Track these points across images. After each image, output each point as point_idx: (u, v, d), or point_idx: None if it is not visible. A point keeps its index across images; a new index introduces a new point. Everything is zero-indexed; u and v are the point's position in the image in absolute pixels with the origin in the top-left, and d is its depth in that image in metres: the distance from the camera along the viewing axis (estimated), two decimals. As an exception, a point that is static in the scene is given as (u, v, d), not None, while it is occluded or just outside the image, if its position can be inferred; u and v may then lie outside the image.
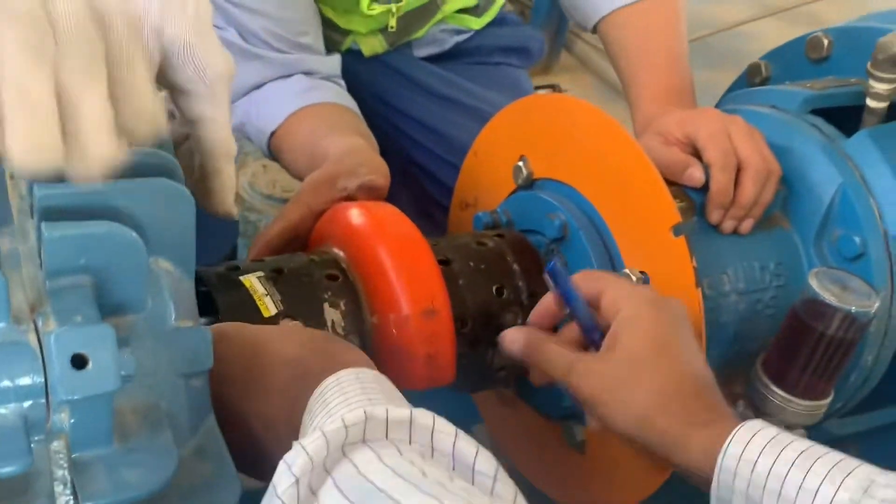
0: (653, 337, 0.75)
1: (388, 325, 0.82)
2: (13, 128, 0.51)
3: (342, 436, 0.50)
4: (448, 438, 0.52)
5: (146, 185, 0.56)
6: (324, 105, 1.21)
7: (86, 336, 0.49)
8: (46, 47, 0.53)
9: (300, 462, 0.48)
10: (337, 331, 0.82)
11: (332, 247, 0.89)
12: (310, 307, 0.82)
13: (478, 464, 0.52)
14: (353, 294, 0.84)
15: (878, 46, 1.00)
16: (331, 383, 0.59)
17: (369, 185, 0.97)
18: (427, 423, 0.53)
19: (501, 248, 0.94)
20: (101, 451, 0.52)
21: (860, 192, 0.97)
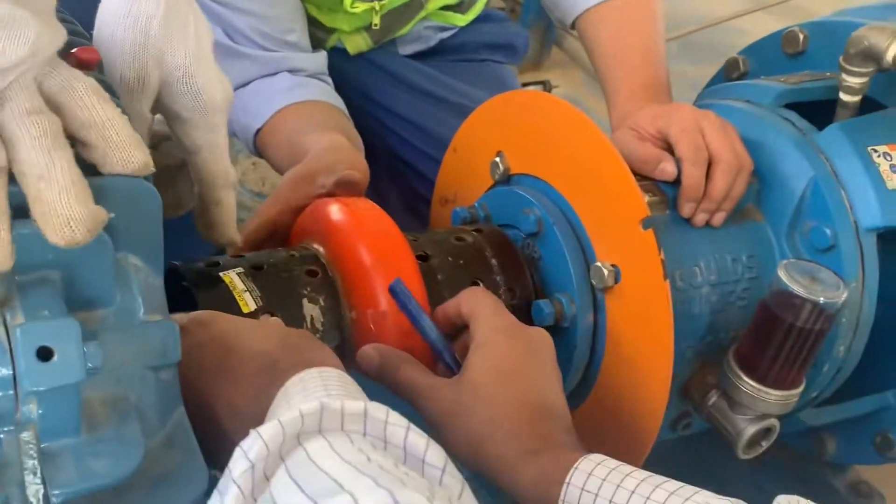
0: (497, 365, 0.75)
1: (366, 321, 0.84)
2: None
3: (298, 425, 0.52)
4: (400, 431, 0.54)
5: (113, 182, 0.57)
6: (308, 102, 1.22)
7: (51, 329, 0.51)
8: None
9: (256, 448, 0.50)
10: (316, 326, 0.83)
11: (312, 242, 0.91)
12: (289, 303, 0.83)
13: (428, 456, 0.53)
14: (332, 290, 0.85)
15: (850, 41, 1.02)
16: (294, 382, 0.61)
17: (347, 181, 0.98)
18: (380, 416, 0.54)
19: (480, 243, 0.95)
20: (70, 440, 0.54)
21: (831, 185, 0.99)
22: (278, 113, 1.21)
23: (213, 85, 0.72)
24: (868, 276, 0.98)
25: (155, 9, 0.68)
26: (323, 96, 1.25)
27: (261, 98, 1.22)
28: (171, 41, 0.69)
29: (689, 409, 1.01)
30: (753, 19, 2.76)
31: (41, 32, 0.53)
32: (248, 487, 0.48)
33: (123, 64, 0.69)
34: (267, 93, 1.22)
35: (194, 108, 0.72)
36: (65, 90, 0.57)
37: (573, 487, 0.67)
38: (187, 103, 0.71)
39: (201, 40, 0.71)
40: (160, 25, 0.68)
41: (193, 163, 0.75)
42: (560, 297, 0.91)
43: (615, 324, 0.90)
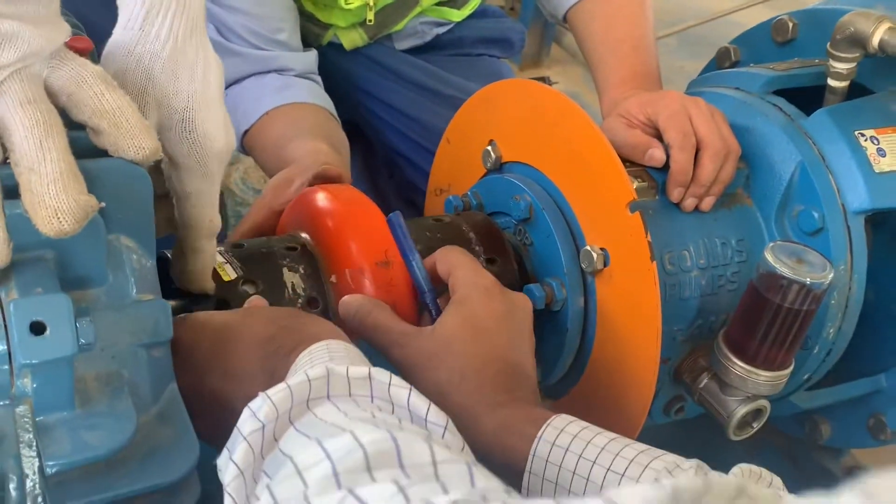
0: (471, 320, 0.77)
1: (346, 281, 0.86)
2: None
3: (306, 389, 0.54)
4: (403, 392, 0.56)
5: (104, 164, 0.59)
6: (296, 105, 1.24)
7: (43, 304, 0.52)
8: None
9: (266, 409, 0.51)
10: (297, 292, 0.85)
11: (291, 231, 0.93)
12: (269, 271, 0.85)
13: (430, 416, 0.56)
14: (311, 260, 0.88)
15: (837, 27, 1.03)
16: (303, 356, 0.63)
17: (324, 174, 1.00)
18: (384, 379, 0.57)
19: (457, 221, 0.98)
20: (64, 414, 0.55)
21: (819, 169, 1.00)
22: (266, 115, 1.23)
23: (214, 132, 0.70)
24: (856, 259, 1.00)
25: (160, 49, 0.65)
26: (311, 98, 1.27)
27: (250, 99, 1.24)
28: (175, 84, 0.67)
29: (682, 392, 1.03)
30: (752, 13, 2.76)
31: (34, 37, 0.56)
32: (258, 445, 0.50)
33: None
34: (256, 94, 1.24)
35: (190, 155, 0.69)
36: (74, 80, 0.59)
37: (544, 442, 0.68)
38: (184, 150, 0.69)
39: (208, 84, 0.69)
40: (164, 67, 0.66)
41: (180, 207, 0.73)
42: (551, 281, 0.93)
43: (605, 307, 0.92)
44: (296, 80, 1.27)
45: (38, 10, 0.57)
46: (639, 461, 0.65)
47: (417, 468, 0.45)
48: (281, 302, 0.84)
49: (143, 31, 0.65)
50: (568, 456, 0.67)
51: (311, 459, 0.46)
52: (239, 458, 0.51)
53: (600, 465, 0.66)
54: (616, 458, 0.65)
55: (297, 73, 1.28)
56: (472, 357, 0.75)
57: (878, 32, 0.99)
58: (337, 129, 1.25)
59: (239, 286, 0.83)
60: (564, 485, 0.67)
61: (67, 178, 0.54)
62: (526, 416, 0.71)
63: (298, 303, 0.84)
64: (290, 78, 1.26)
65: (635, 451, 0.66)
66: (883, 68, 1.06)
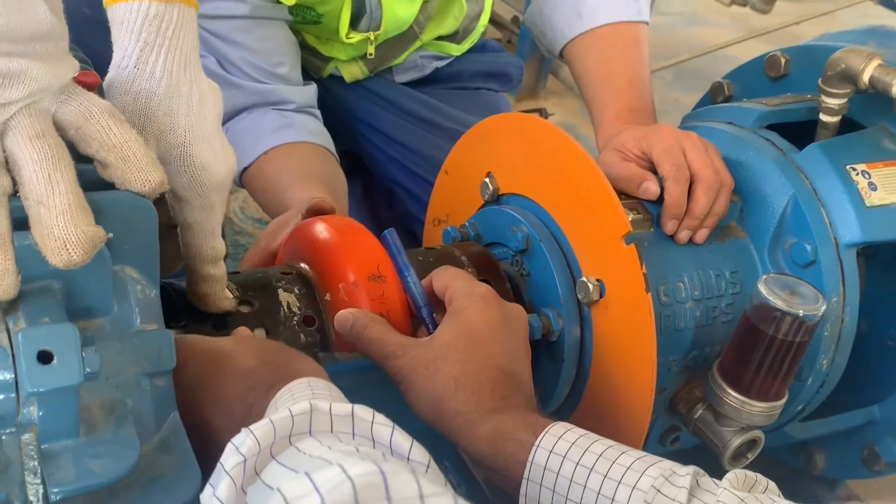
0: (467, 329, 0.79)
1: (340, 297, 0.87)
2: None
3: (288, 424, 0.54)
4: (386, 430, 0.57)
5: (111, 196, 0.60)
6: (294, 146, 1.25)
7: (51, 334, 0.54)
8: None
9: (248, 443, 0.52)
10: (293, 311, 0.86)
11: (287, 261, 0.95)
12: (265, 292, 0.87)
13: (413, 454, 0.56)
14: (307, 281, 0.89)
15: (829, 63, 1.05)
16: (284, 392, 0.64)
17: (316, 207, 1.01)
18: (367, 417, 0.57)
19: (449, 248, 1.01)
20: (69, 442, 0.56)
21: (811, 203, 1.01)
22: (264, 155, 1.24)
23: (212, 164, 0.71)
24: (849, 291, 1.01)
25: (156, 86, 0.67)
26: (309, 136, 1.28)
27: (249, 137, 1.26)
28: (171, 119, 0.68)
29: (678, 422, 1.04)
30: (746, 47, 2.80)
31: (43, 73, 0.57)
32: (240, 479, 0.51)
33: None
34: (255, 132, 1.26)
35: (190, 188, 0.71)
36: (82, 114, 0.61)
37: (542, 449, 0.69)
38: (184, 182, 0.70)
39: (204, 117, 0.70)
40: (160, 104, 0.68)
41: (183, 236, 0.75)
42: (548, 311, 0.94)
43: (601, 337, 0.93)
44: (295, 118, 1.28)
45: (46, 48, 0.59)
46: (635, 468, 0.66)
47: (405, 501, 0.45)
48: (277, 320, 0.85)
49: (138, 70, 0.66)
50: (565, 463, 0.68)
51: (299, 491, 0.47)
52: (222, 492, 0.52)
53: (597, 473, 0.67)
54: (613, 465, 0.66)
55: (296, 107, 1.30)
56: (468, 364, 0.76)
57: (869, 69, 1.01)
58: (334, 169, 1.27)
59: (236, 306, 0.84)
60: (562, 492, 0.67)
61: (76, 210, 0.56)
62: (522, 422, 0.72)
63: (294, 321, 0.86)
64: (289, 115, 1.28)
65: (632, 458, 0.67)
66: (873, 104, 1.08)
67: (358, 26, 1.36)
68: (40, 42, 0.58)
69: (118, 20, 0.67)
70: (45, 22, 0.57)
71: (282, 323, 0.84)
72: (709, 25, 3.46)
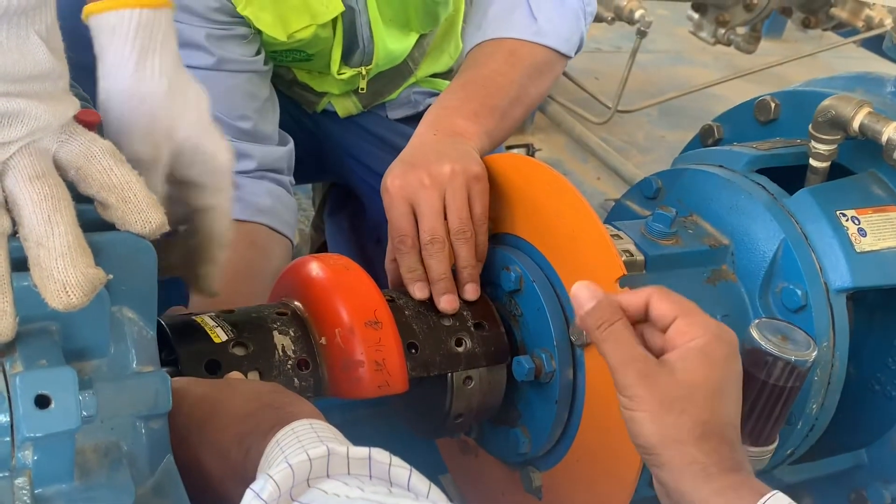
0: (718, 379, 0.75)
1: (335, 341, 0.86)
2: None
3: (307, 468, 0.54)
4: (404, 472, 0.57)
5: (110, 238, 0.60)
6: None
7: (49, 378, 0.53)
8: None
9: (269, 489, 0.52)
10: (288, 354, 0.86)
11: (282, 299, 0.94)
12: (259, 334, 0.86)
13: (431, 496, 0.56)
14: (302, 323, 0.89)
15: (819, 110, 1.06)
16: (286, 433, 0.63)
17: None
18: (384, 460, 0.57)
19: None
20: (63, 486, 0.56)
21: (802, 247, 1.02)
22: None
23: (221, 148, 0.75)
24: (839, 336, 1.01)
25: (157, 87, 0.69)
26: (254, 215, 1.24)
27: None
28: (177, 115, 0.71)
29: (667, 465, 1.03)
30: (731, 86, 2.83)
31: (42, 113, 0.58)
32: None
33: (136, 144, 0.70)
34: None
35: (205, 173, 0.74)
36: (82, 155, 0.61)
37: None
38: (196, 171, 0.74)
39: (204, 108, 0.74)
40: (164, 102, 0.70)
41: (198, 222, 0.78)
42: (540, 353, 0.94)
43: (594, 379, 0.93)
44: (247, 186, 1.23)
45: (45, 87, 0.59)
46: None
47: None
48: (271, 363, 0.84)
49: (138, 74, 0.68)
50: None
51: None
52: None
53: None
54: None
55: (256, 166, 1.27)
56: (715, 414, 0.74)
57: (859, 117, 1.02)
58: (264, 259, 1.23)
59: (230, 348, 0.84)
60: None
61: (75, 252, 0.55)
62: (751, 488, 0.71)
63: (288, 364, 0.85)
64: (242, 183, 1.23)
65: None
66: (863, 150, 1.10)
67: (350, 61, 1.36)
68: (39, 81, 0.58)
69: (108, 28, 0.68)
70: (43, 62, 0.57)
71: (276, 367, 0.84)
72: (693, 64, 3.50)
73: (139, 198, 0.60)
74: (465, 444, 1.11)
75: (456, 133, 1.10)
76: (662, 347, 0.78)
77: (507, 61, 1.20)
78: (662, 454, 0.74)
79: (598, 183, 2.47)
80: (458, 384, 0.94)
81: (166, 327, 0.83)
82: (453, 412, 0.96)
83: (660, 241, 1.03)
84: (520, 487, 1.04)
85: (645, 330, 0.80)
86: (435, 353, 0.92)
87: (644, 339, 0.79)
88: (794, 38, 3.91)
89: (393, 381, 0.87)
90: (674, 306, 0.78)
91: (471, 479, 1.16)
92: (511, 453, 1.01)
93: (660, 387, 0.74)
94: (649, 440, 0.74)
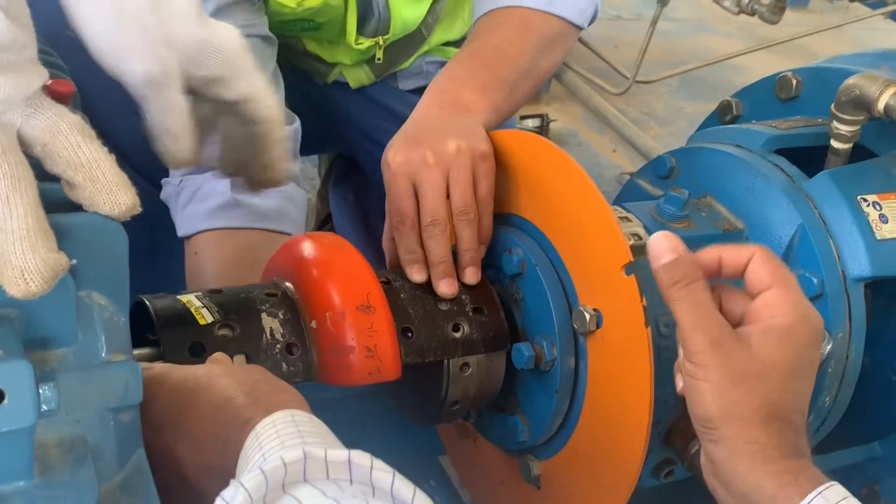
0: (794, 360, 0.71)
1: (325, 325, 0.83)
2: None
3: (281, 473, 0.51)
4: (386, 476, 0.53)
5: (76, 219, 0.56)
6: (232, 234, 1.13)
7: (3, 372, 0.50)
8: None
9: (240, 497, 0.49)
10: (276, 337, 0.82)
11: (273, 279, 0.91)
12: (247, 316, 0.82)
13: (415, 502, 0.52)
14: (292, 305, 0.85)
15: (841, 89, 1.01)
16: (265, 426, 0.59)
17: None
18: (365, 463, 0.54)
19: None
20: (22, 483, 0.53)
21: (820, 233, 0.98)
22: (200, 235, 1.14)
23: (226, 36, 0.72)
24: (855, 327, 0.97)
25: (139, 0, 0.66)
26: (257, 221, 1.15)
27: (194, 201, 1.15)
28: (168, 19, 0.68)
29: (672, 456, 1.00)
30: (754, 58, 2.76)
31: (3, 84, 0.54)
32: None
33: (142, 63, 0.67)
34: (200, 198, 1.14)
35: (221, 64, 0.72)
36: (48, 130, 0.57)
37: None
38: (213, 63, 0.71)
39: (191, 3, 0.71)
40: (152, 10, 0.67)
41: (250, 111, 0.75)
42: (541, 340, 0.90)
43: (596, 368, 0.89)
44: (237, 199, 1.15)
45: (7, 58, 0.55)
46: None
47: None
48: (258, 347, 0.81)
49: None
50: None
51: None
52: None
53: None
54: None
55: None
56: (785, 396, 0.70)
57: (884, 97, 0.97)
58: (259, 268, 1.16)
59: (216, 330, 0.81)
60: None
61: (35, 235, 0.52)
62: (809, 476, 0.68)
63: (276, 348, 0.82)
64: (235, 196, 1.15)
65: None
66: (887, 132, 1.05)
67: (365, 30, 1.32)
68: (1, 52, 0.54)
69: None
70: (1, 32, 0.53)
71: (263, 351, 0.80)
72: (716, 34, 3.42)
73: (108, 177, 0.56)
74: (464, 429, 1.08)
75: (462, 106, 1.05)
76: (742, 315, 0.73)
77: (518, 31, 1.15)
78: (721, 429, 0.70)
79: (614, 156, 2.41)
80: (454, 371, 0.91)
81: (150, 307, 0.80)
82: (449, 399, 0.92)
83: (671, 224, 0.99)
84: (517, 475, 1.00)
85: (724, 293, 0.75)
86: (431, 339, 0.89)
87: (721, 304, 0.74)
88: (820, 8, 3.81)
89: (385, 367, 0.83)
90: (773, 275, 0.72)
91: (469, 463, 1.13)
92: (510, 441, 0.98)
93: (731, 359, 0.70)
94: (709, 412, 0.70)
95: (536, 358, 0.90)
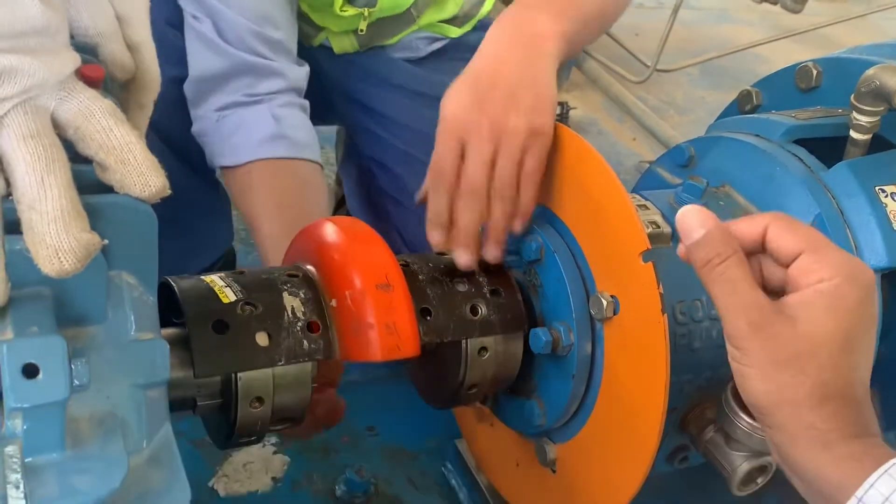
0: (848, 329, 0.65)
1: (346, 303, 0.85)
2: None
3: None
4: None
5: (108, 200, 0.58)
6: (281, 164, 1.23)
7: (37, 346, 0.51)
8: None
9: None
10: (297, 315, 0.84)
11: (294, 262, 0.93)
12: (269, 295, 0.84)
13: None
14: (313, 285, 0.87)
15: (862, 80, 1.01)
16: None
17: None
18: None
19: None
20: (54, 456, 0.54)
21: (837, 224, 0.98)
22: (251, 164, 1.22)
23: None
24: (871, 317, 0.98)
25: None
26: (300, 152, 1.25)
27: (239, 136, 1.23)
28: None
29: (687, 442, 1.01)
30: (776, 47, 2.75)
31: (37, 69, 0.55)
32: None
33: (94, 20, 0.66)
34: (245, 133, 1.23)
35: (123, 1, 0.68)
36: (81, 113, 0.58)
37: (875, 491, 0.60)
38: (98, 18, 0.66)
39: None
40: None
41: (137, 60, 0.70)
42: (558, 325, 0.91)
43: (612, 354, 0.90)
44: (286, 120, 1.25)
45: (42, 42, 0.56)
46: None
47: None
48: (280, 324, 0.83)
49: None
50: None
51: None
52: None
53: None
54: None
55: (285, 86, 1.26)
56: (839, 371, 0.64)
57: (904, 88, 0.97)
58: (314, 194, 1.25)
59: (239, 308, 0.82)
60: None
61: (69, 216, 0.53)
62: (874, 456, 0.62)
63: (298, 326, 0.83)
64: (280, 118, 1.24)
65: None
66: (907, 123, 1.05)
67: (354, 0, 1.33)
68: (33, 37, 0.55)
69: None
70: (35, 16, 0.55)
71: (285, 328, 0.82)
72: (738, 23, 3.41)
73: (139, 160, 0.58)
74: (481, 412, 1.09)
75: (536, 35, 0.98)
76: (783, 282, 0.68)
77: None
78: (775, 415, 0.65)
79: (633, 144, 2.42)
80: (472, 354, 0.92)
81: (175, 286, 0.81)
82: (467, 382, 0.94)
83: (689, 212, 0.99)
84: (533, 459, 1.02)
85: (763, 260, 0.69)
86: (448, 319, 0.90)
87: (761, 273, 0.69)
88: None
89: (404, 343, 0.85)
90: (798, 240, 0.67)
91: (485, 446, 1.14)
92: (526, 425, 0.99)
93: (776, 341, 0.65)
94: (759, 400, 0.66)
95: (553, 343, 0.91)
